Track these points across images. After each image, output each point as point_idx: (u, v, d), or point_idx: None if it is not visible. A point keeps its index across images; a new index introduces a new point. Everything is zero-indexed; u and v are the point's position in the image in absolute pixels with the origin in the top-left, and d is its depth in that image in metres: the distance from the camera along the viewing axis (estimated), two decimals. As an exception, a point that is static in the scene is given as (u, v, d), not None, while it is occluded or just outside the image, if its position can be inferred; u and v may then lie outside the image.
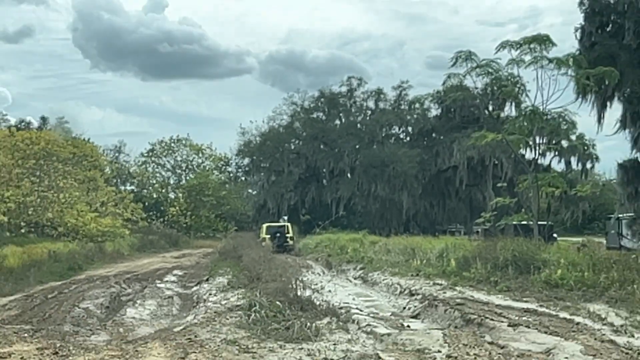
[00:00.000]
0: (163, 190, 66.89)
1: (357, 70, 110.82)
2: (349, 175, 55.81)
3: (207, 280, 20.77)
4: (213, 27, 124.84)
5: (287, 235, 38.52)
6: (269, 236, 37.44)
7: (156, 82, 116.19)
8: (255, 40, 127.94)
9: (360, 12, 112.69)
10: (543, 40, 25.17)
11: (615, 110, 30.64)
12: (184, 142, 68.28)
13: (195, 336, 10.77)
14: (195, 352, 9.55)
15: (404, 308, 15.15)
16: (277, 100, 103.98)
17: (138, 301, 16.72)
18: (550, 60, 25.00)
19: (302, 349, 9.85)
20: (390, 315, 14.15)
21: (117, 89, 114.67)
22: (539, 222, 26.89)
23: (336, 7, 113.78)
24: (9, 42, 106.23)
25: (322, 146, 57.26)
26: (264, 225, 41.74)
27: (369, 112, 58.94)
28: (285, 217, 45.02)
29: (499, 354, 9.20)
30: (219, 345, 10.02)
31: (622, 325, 11.32)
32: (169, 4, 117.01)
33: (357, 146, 55.34)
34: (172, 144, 68.06)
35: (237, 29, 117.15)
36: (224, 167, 68.71)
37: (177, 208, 60.02)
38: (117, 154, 66.95)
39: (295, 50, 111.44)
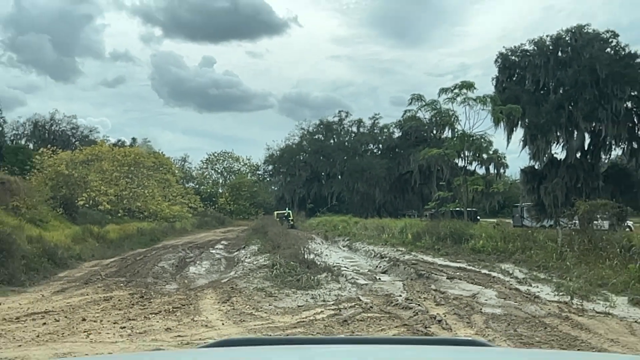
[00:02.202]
0: (214, 187, 66.89)
1: (345, 106, 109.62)
2: (339, 177, 55.59)
3: (244, 248, 20.72)
4: (247, 76, 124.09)
5: (290, 218, 39.92)
6: (278, 219, 38.29)
7: (208, 114, 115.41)
8: (275, 85, 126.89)
9: (347, 67, 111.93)
10: (469, 86, 25.13)
11: (518, 133, 30.72)
12: (228, 154, 68.55)
13: (236, 285, 10.77)
14: (235, 296, 9.56)
15: (377, 266, 15.11)
16: (290, 127, 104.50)
17: (197, 262, 16.66)
18: (474, 100, 24.97)
19: (308, 294, 9.87)
20: (367, 271, 14.10)
21: (182, 119, 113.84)
22: (468, 209, 26.90)
23: (331, 63, 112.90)
24: (109, 87, 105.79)
25: (321, 158, 57.05)
26: (275, 213, 43.08)
27: (353, 134, 58.67)
28: (287, 208, 46.05)
29: (441, 297, 9.20)
30: (251, 291, 10.04)
31: (523, 278, 11.33)
32: (217, 61, 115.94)
33: (345, 158, 55.11)
34: (220, 156, 68.35)
35: (263, 78, 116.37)
36: (255, 171, 68.65)
37: (224, 199, 60.00)
38: (183, 163, 66.92)
39: (302, 93, 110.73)
